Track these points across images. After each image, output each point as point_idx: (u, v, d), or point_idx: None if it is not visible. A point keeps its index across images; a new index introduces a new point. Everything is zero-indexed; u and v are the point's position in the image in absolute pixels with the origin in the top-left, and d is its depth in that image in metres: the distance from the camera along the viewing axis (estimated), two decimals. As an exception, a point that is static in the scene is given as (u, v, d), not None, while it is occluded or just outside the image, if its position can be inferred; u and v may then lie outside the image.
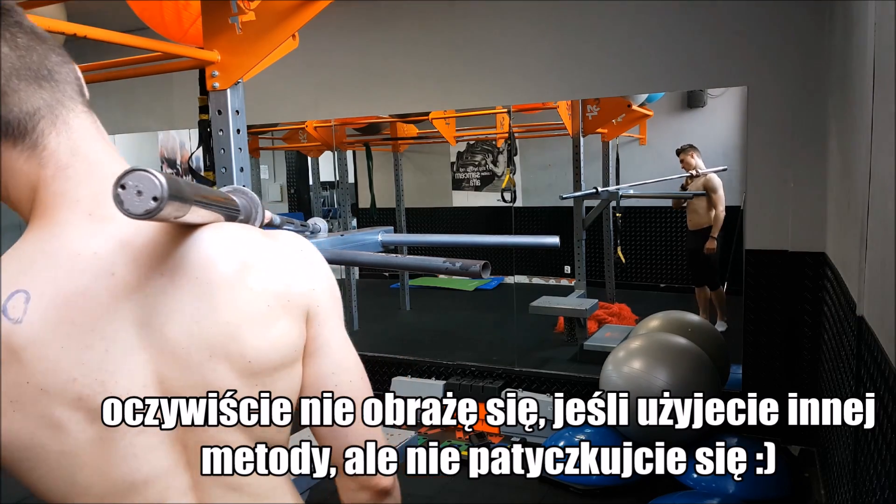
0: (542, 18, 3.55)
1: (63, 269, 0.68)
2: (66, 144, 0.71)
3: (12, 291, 0.67)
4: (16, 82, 0.69)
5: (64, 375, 0.68)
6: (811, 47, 3.03)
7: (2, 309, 0.66)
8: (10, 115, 0.69)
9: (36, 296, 0.67)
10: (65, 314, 0.68)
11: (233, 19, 1.74)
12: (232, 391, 0.73)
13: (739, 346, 3.39)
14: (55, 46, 0.74)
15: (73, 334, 0.68)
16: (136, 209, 0.59)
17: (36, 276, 0.68)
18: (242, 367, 0.73)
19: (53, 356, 0.67)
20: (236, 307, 0.73)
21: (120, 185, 0.59)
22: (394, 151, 6.09)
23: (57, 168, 0.71)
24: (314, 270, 0.81)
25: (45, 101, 0.71)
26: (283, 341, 0.76)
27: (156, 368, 0.71)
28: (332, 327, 0.82)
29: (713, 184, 4.79)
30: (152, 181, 0.59)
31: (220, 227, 0.76)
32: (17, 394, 0.67)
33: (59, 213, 0.70)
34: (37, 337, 0.67)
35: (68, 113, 0.72)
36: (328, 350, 0.81)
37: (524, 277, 6.42)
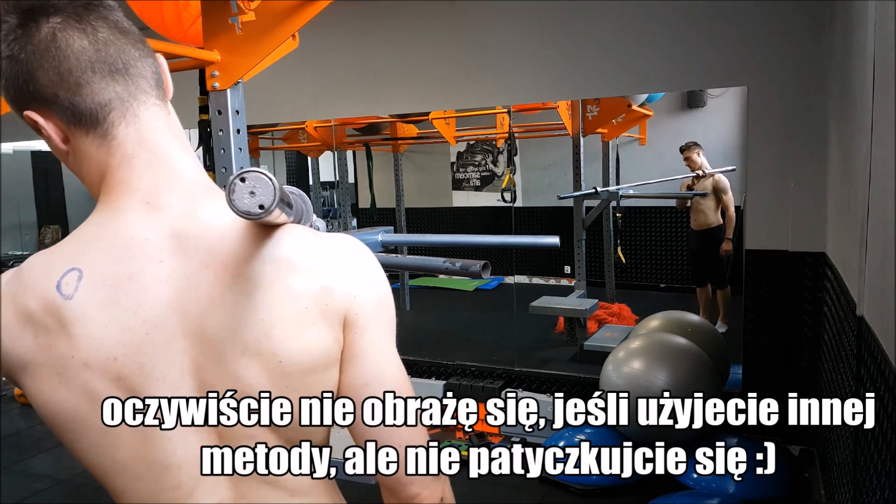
0: (543, 18, 3.55)
1: (115, 253, 0.72)
2: (133, 135, 0.75)
3: (68, 269, 0.72)
4: (90, 74, 0.72)
5: (105, 353, 0.71)
6: (811, 47, 3.02)
7: (57, 285, 0.71)
8: (84, 105, 0.73)
9: (88, 275, 0.72)
10: (112, 295, 0.71)
11: (233, 19, 1.74)
12: (265, 392, 0.74)
13: (739, 346, 3.38)
14: (137, 41, 0.77)
15: (118, 315, 0.71)
16: (241, 206, 0.64)
17: (91, 256, 0.72)
18: (274, 366, 0.73)
19: (98, 333, 0.71)
20: (273, 306, 0.73)
21: (240, 178, 0.64)
22: (394, 151, 6.09)
23: (123, 157, 0.75)
24: (361, 276, 0.78)
25: (116, 94, 0.74)
26: (317, 345, 0.75)
27: (193, 357, 0.73)
28: (370, 337, 0.78)
29: (724, 184, 4.77)
30: (269, 188, 0.64)
31: (271, 227, 0.76)
32: (63, 366, 0.71)
33: (120, 200, 0.74)
34: (84, 313, 0.71)
35: (139, 106, 0.76)
36: (364, 360, 0.78)
37: (524, 277, 6.43)
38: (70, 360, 0.71)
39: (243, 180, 0.64)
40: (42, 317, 0.71)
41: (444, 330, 5.78)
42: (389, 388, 0.79)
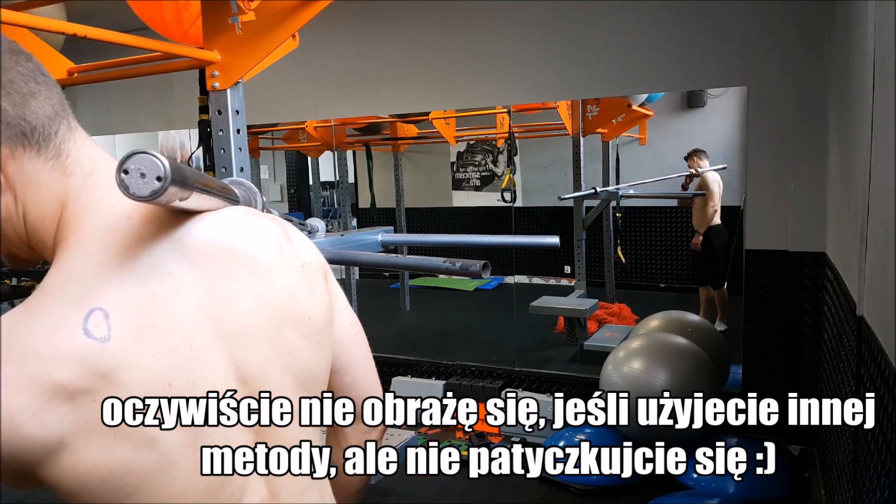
0: (543, 19, 3.55)
1: (128, 278, 0.65)
2: (84, 150, 0.70)
3: (87, 312, 0.62)
4: (34, 85, 0.66)
5: (160, 383, 0.65)
6: (811, 47, 3.02)
7: (85, 332, 0.61)
8: (35, 119, 0.65)
9: (113, 310, 0.63)
10: (145, 322, 0.65)
11: (233, 19, 1.74)
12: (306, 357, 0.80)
13: (739, 346, 3.38)
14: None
15: (159, 340, 0.65)
16: (142, 191, 0.58)
17: (104, 291, 0.64)
18: (306, 326, 0.79)
19: (146, 366, 0.64)
20: (286, 273, 0.79)
21: (123, 171, 0.58)
22: (394, 151, 6.09)
23: (84, 175, 0.69)
24: (306, 238, 0.89)
25: (58, 104, 0.68)
26: (323, 299, 0.84)
27: (230, 355, 0.72)
28: (337, 285, 0.92)
29: (706, 180, 4.80)
30: (154, 162, 0.59)
31: (230, 212, 0.79)
32: (112, 427, 0.62)
33: (100, 222, 0.67)
34: (127, 351, 0.63)
35: (73, 120, 0.71)
36: (341, 306, 0.92)
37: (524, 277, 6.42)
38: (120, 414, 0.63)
39: (126, 171, 0.58)
40: (81, 375, 0.60)
41: (444, 330, 5.78)
42: (360, 326, 0.95)
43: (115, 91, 4.53)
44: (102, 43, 1.65)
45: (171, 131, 5.57)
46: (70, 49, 2.27)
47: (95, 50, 2.07)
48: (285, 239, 0.81)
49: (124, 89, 4.44)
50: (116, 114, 4.86)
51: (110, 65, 2.02)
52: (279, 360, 0.76)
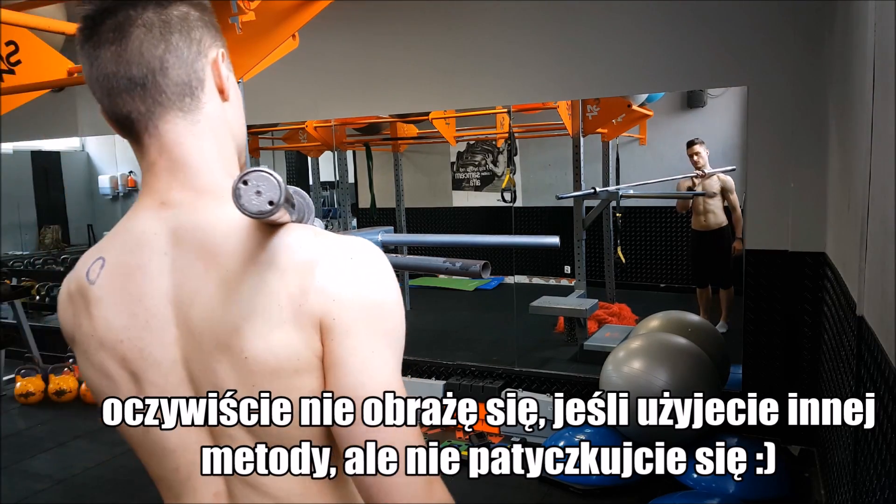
0: (542, 19, 3.55)
1: (131, 245, 0.79)
2: (155, 145, 0.79)
3: (96, 257, 0.80)
4: (114, 87, 0.77)
5: (115, 336, 0.78)
6: (811, 47, 3.02)
7: (87, 271, 0.80)
8: (116, 114, 0.79)
9: (109, 264, 0.79)
10: (123, 283, 0.78)
11: (233, 19, 1.74)
12: (231, 389, 0.74)
13: (739, 346, 3.39)
14: (181, 42, 0.78)
15: (126, 302, 0.78)
16: (251, 207, 0.64)
17: (113, 248, 0.80)
18: (241, 363, 0.73)
19: (110, 317, 0.78)
20: (247, 303, 0.72)
21: (242, 181, 0.64)
22: (394, 151, 6.09)
23: (148, 163, 0.80)
24: (349, 279, 0.73)
25: (136, 108, 0.78)
26: (282, 347, 0.72)
27: (182, 347, 0.77)
28: (353, 345, 0.72)
29: (731, 184, 4.75)
30: (273, 184, 0.64)
31: (274, 225, 0.75)
32: (86, 344, 0.80)
33: (143, 199, 0.80)
34: (101, 298, 0.78)
35: (158, 119, 0.78)
36: (342, 369, 0.72)
37: (524, 277, 6.43)
38: (90, 338, 0.79)
39: (246, 182, 0.64)
40: (77, 298, 0.81)
41: (444, 330, 5.78)
42: (355, 409, 0.71)
43: (115, 91, 4.53)
44: (102, 43, 1.65)
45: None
46: (70, 49, 2.27)
47: (95, 50, 2.06)
48: (291, 270, 0.72)
49: (124, 89, 4.43)
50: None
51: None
52: (210, 379, 0.75)
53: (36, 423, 4.25)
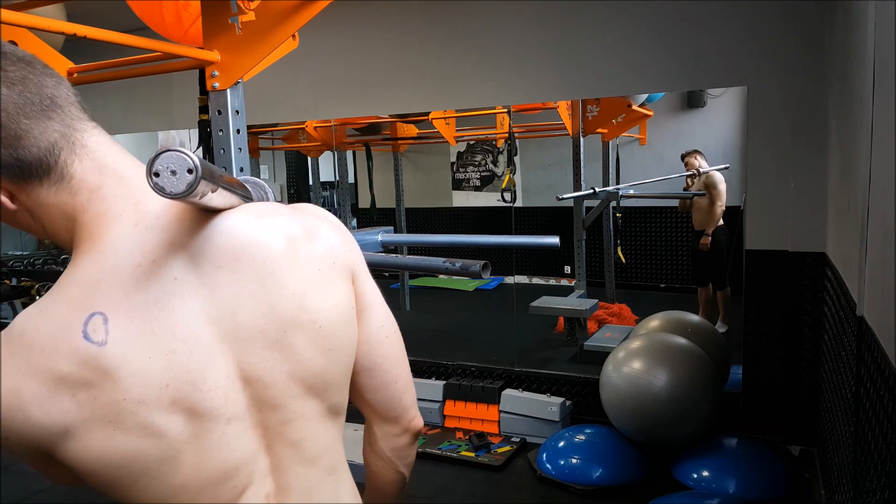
0: (543, 18, 3.55)
1: (130, 283, 0.70)
2: (90, 167, 0.72)
3: (88, 316, 0.67)
4: (25, 122, 0.68)
5: (157, 384, 0.69)
6: (811, 47, 3.03)
7: (84, 335, 0.67)
8: (31, 156, 0.68)
9: (112, 315, 0.68)
10: (144, 326, 0.69)
11: (233, 19, 1.74)
12: (313, 364, 0.78)
13: (739, 346, 3.38)
14: (44, 69, 0.72)
15: (157, 344, 0.70)
16: (178, 188, 0.60)
17: (106, 296, 0.69)
18: (315, 333, 0.77)
19: (143, 368, 0.69)
20: (297, 277, 0.77)
21: (153, 174, 0.60)
22: (394, 151, 6.09)
23: (89, 192, 0.72)
24: (343, 232, 0.85)
25: (58, 132, 0.70)
26: (343, 301, 0.81)
27: (236, 358, 0.74)
28: (370, 285, 0.88)
29: (713, 180, 4.79)
30: (181, 157, 0.60)
31: (249, 210, 0.79)
32: (115, 412, 0.67)
33: (107, 232, 0.71)
34: (124, 354, 0.68)
35: (82, 135, 0.72)
36: (374, 305, 0.88)
37: (524, 277, 6.42)
38: (122, 403, 0.68)
39: (157, 174, 0.59)
40: (80, 374, 0.66)
41: (444, 330, 5.77)
42: (394, 326, 0.91)
43: (114, 91, 4.52)
44: (102, 43, 1.65)
45: (170, 131, 5.57)
46: (70, 49, 2.27)
47: (95, 50, 2.06)
48: (305, 238, 0.79)
49: (124, 89, 4.43)
50: (116, 114, 4.86)
51: (110, 65, 2.01)
52: (284, 366, 0.76)
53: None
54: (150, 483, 0.71)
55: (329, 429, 0.83)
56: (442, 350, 4.68)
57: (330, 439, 0.83)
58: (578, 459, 3.16)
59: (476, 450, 3.45)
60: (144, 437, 0.69)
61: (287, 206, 0.83)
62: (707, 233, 4.78)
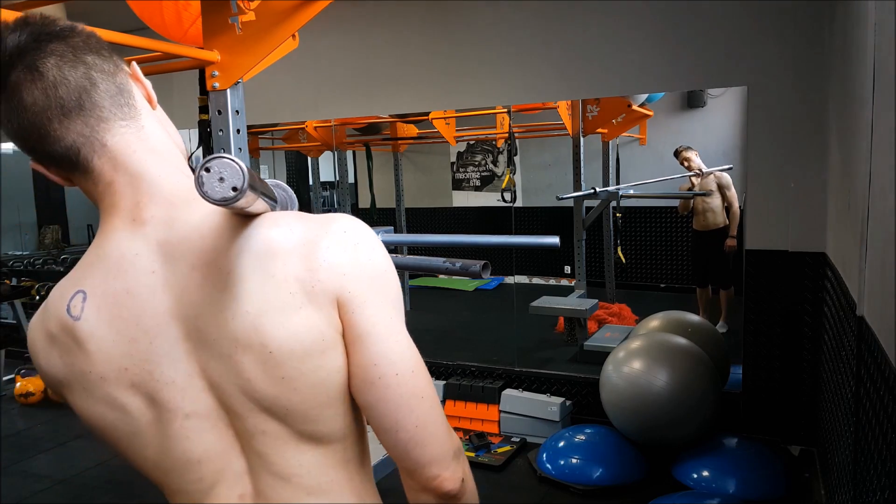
0: (543, 18, 3.55)
1: (112, 270, 0.77)
2: (107, 164, 0.78)
3: (74, 292, 0.78)
4: (48, 123, 0.74)
5: (117, 365, 0.76)
6: (811, 47, 3.02)
7: (67, 308, 0.77)
8: (56, 152, 0.76)
9: (91, 295, 0.77)
10: (114, 311, 0.76)
11: (233, 19, 1.74)
12: (262, 385, 0.75)
13: (739, 346, 3.38)
14: (95, 63, 0.76)
15: (121, 329, 0.76)
16: (213, 195, 0.63)
17: (92, 277, 0.78)
18: (266, 358, 0.74)
19: (107, 348, 0.76)
20: (257, 297, 0.73)
21: (205, 168, 0.63)
22: (394, 151, 6.09)
23: (104, 185, 0.79)
24: (352, 254, 0.76)
25: (78, 132, 0.75)
26: (306, 330, 0.73)
27: (198, 359, 0.76)
28: (371, 314, 0.75)
29: (727, 180, 4.78)
30: (236, 170, 0.62)
31: (263, 217, 0.77)
32: (85, 381, 0.77)
33: (111, 222, 0.78)
34: (93, 331, 0.76)
35: (104, 134, 0.77)
36: (368, 340, 0.75)
37: (524, 277, 6.42)
38: (89, 374, 0.77)
39: (208, 170, 0.63)
40: (62, 338, 0.78)
41: (444, 330, 5.78)
42: (400, 368, 0.76)
43: (115, 91, 4.53)
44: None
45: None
46: (70, 49, 2.26)
47: (95, 50, 2.06)
48: (292, 257, 0.74)
49: (124, 89, 4.43)
50: (116, 114, 4.85)
51: (110, 65, 2.01)
52: (238, 380, 0.75)
53: (36, 424, 4.25)
54: (128, 450, 0.80)
55: (305, 452, 0.78)
56: (442, 350, 4.68)
57: (307, 461, 0.78)
58: (578, 459, 3.16)
59: (476, 450, 3.45)
60: (112, 409, 0.77)
61: (302, 216, 0.78)
62: (732, 234, 4.72)
